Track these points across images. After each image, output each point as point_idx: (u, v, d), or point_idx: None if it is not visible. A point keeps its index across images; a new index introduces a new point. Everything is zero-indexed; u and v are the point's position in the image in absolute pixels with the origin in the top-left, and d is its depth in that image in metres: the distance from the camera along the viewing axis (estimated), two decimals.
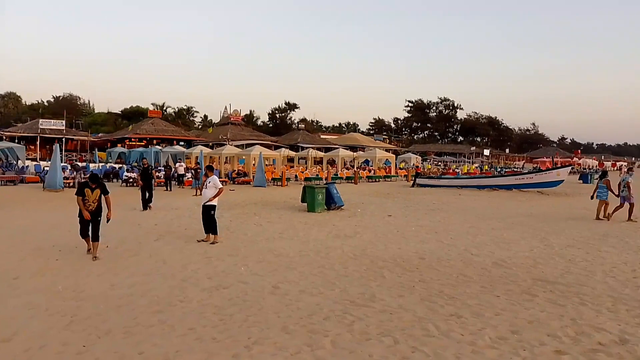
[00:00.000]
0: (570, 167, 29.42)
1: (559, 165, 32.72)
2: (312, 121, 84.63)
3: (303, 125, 62.26)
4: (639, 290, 6.07)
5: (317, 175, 29.47)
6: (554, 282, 6.50)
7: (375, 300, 5.58)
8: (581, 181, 34.72)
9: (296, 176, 29.36)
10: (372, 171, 34.10)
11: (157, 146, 37.97)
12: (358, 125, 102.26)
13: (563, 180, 24.71)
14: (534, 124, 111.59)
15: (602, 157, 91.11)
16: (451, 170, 40.85)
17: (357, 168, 34.51)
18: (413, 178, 29.31)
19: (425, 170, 41.34)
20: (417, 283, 6.43)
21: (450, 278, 6.73)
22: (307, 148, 42.32)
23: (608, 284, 6.42)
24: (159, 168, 26.65)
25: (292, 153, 39.45)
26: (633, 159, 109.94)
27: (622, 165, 66.20)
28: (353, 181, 29.61)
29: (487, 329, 4.58)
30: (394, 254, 8.34)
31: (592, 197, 14.21)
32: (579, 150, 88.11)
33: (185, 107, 75.33)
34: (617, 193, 13.70)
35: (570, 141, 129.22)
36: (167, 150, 34.56)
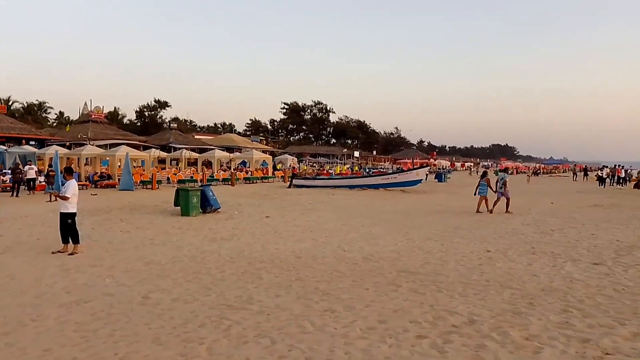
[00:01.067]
0: (427, 168, 32.50)
1: (418, 166, 36.00)
2: (186, 121, 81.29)
3: (175, 125, 59.38)
4: (483, 275, 6.95)
5: (192, 177, 28.37)
6: (415, 272, 7.14)
7: (252, 302, 5.56)
8: (436, 180, 38.60)
9: (168, 178, 27.91)
10: (250, 172, 33.91)
11: (1, 146, 33.13)
12: (234, 126, 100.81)
13: (422, 180, 27.25)
14: (397, 128, 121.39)
15: (454, 158, 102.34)
16: (325, 171, 42.49)
17: (234, 169, 34.01)
18: (290, 179, 29.83)
19: (301, 171, 42.35)
20: (294, 282, 6.57)
21: (325, 275, 7.00)
22: (180, 149, 40.47)
23: (459, 271, 7.24)
24: (4, 171, 23.29)
25: (164, 154, 37.47)
26: (478, 159, 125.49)
27: (470, 165, 74.97)
28: (230, 183, 29.14)
29: (358, 321, 4.86)
30: (271, 255, 8.40)
31: (474, 194, 16.13)
32: (435, 152, 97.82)
33: (36, 102, 66.85)
34: (495, 189, 15.89)
35: (427, 144, 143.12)
36: (14, 150, 30.33)
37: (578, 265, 7.56)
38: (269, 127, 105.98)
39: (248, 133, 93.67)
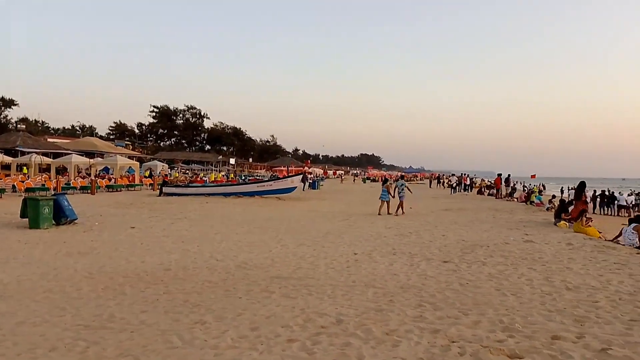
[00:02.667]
0: (301, 175, 33.39)
1: (293, 174, 36.81)
2: (36, 121, 72.41)
3: (24, 126, 52.53)
4: (350, 277, 7.36)
5: (44, 185, 25.31)
6: (288, 277, 7.28)
7: (114, 320, 5.16)
8: (310, 187, 39.84)
9: (14, 187, 24.55)
10: (113, 180, 31.38)
11: None
12: (96, 129, 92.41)
13: (296, 187, 27.90)
14: (273, 135, 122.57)
15: (327, 166, 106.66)
16: (199, 179, 41.13)
17: (94, 176, 31.15)
18: (159, 187, 28.28)
19: (173, 178, 40.43)
20: (162, 296, 6.24)
21: (196, 286, 6.78)
22: (29, 153, 35.88)
23: (329, 274, 7.57)
24: None
25: (9, 159, 32.96)
26: (348, 168, 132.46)
27: (355, 172, 78.68)
28: (90, 191, 26.63)
29: (230, 331, 4.81)
30: (137, 268, 7.88)
31: (379, 199, 18.32)
32: (309, 160, 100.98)
33: None
34: (393, 195, 18.36)
35: (302, 152, 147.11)
36: None
37: (431, 263, 8.41)
38: (137, 131, 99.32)
39: (112, 137, 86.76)
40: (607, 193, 32.93)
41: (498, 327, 4.78)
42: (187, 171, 61.31)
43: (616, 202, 31.24)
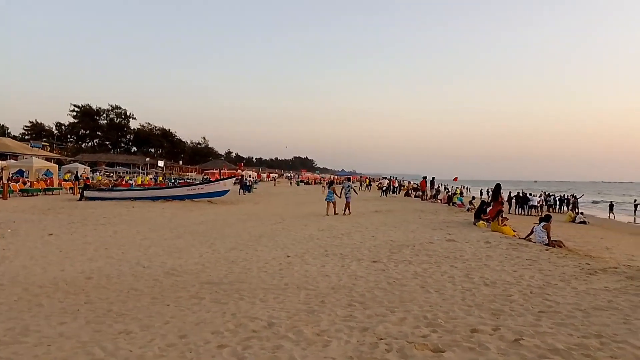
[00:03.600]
0: (234, 178, 32.90)
1: (226, 177, 36.15)
2: None
3: None
4: (282, 280, 7.39)
5: None
6: (218, 283, 7.17)
7: (29, 334, 4.81)
8: (242, 191, 39.34)
9: None
10: (28, 183, 29.08)
11: None
12: (8, 129, 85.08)
13: (229, 190, 27.45)
14: (204, 137, 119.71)
15: (260, 169, 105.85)
16: (124, 182, 39.19)
17: (7, 180, 28.69)
18: (81, 191, 26.62)
19: (95, 182, 38.18)
20: (83, 306, 5.91)
21: (121, 294, 6.48)
22: None
23: (261, 277, 7.55)
24: None
25: None
26: (282, 171, 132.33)
27: (275, 175, 78.36)
28: (1, 196, 24.51)
29: (157, 339, 4.65)
30: (55, 277, 7.39)
31: (325, 199, 19.49)
32: (242, 163, 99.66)
33: None
34: (340, 196, 19.36)
35: (235, 155, 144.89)
36: None
37: (361, 264, 8.65)
38: (55, 131, 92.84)
39: (27, 137, 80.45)
40: (520, 194, 35.54)
41: (422, 322, 5.02)
42: (111, 174, 58.18)
43: (529, 202, 33.78)
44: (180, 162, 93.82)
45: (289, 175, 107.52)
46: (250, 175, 46.74)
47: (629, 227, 30.11)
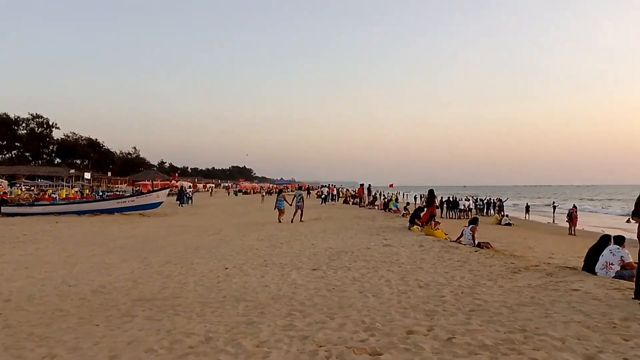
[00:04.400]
0: (168, 189, 31.82)
1: (159, 188, 34.86)
2: None
3: None
4: (221, 292, 7.22)
5: None
6: (152, 299, 6.88)
7: None
8: (178, 202, 38.13)
9: None
10: None
11: None
12: None
13: (162, 202, 26.51)
14: (135, 147, 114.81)
15: (196, 179, 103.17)
16: (47, 196, 36.64)
17: None
18: None
19: (14, 196, 35.37)
20: (1, 330, 5.44)
21: (44, 316, 6.04)
22: None
23: (198, 291, 7.33)
24: None
25: None
26: (219, 180, 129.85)
27: (211, 185, 76.63)
28: None
29: None
30: None
31: (274, 208, 19.90)
32: (177, 174, 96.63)
33: None
34: (291, 203, 19.84)
35: (169, 165, 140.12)
36: None
37: (301, 272, 8.66)
38: None
39: None
40: (451, 199, 37.28)
41: (361, 327, 5.10)
42: (32, 187, 54.18)
43: (458, 206, 35.51)
44: (109, 174, 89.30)
45: (226, 185, 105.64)
46: (182, 186, 45.30)
47: (549, 227, 32.49)
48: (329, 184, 54.89)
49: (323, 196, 40.89)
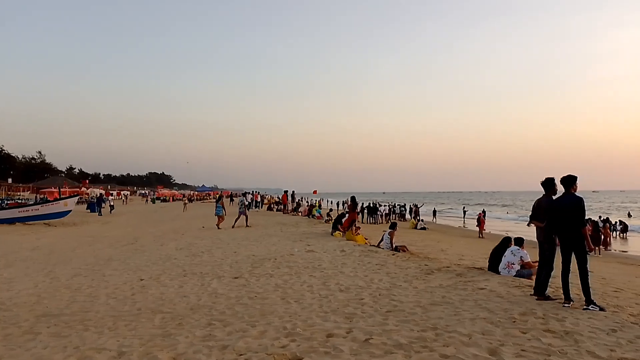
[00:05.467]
0: (77, 197, 29.71)
1: (67, 196, 32.41)
2: None
3: None
4: (135, 305, 6.88)
5: None
6: (58, 314, 6.39)
7: None
8: (89, 210, 35.73)
9: None
10: None
11: None
12: None
13: (71, 210, 24.71)
14: (40, 152, 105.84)
15: (109, 186, 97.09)
16: None
17: None
18: None
19: None
20: None
21: None
22: None
23: (110, 304, 6.93)
24: None
25: None
26: (135, 187, 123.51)
27: (126, 193, 72.74)
28: None
29: None
30: None
31: (215, 214, 20.34)
32: (87, 180, 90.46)
33: None
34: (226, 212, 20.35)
35: (78, 171, 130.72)
36: None
37: (222, 281, 8.49)
38: None
39: None
40: (371, 205, 38.53)
41: (282, 333, 5.12)
42: None
43: (378, 212, 36.79)
44: (10, 180, 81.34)
45: (143, 192, 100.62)
46: (101, 194, 42.56)
47: (460, 230, 34.67)
48: (253, 191, 54.38)
49: (247, 203, 40.38)
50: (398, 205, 45.48)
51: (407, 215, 41.33)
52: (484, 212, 34.27)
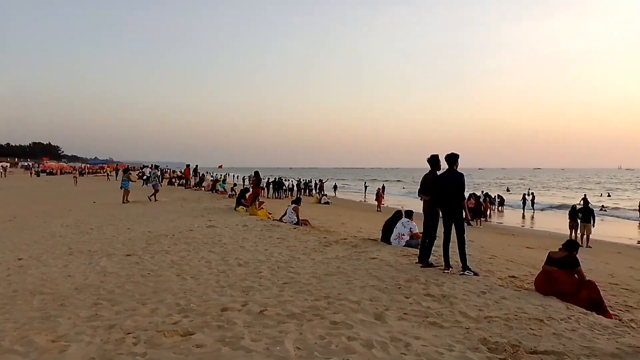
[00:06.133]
0: None
1: None
2: None
3: None
4: (10, 286, 6.24)
5: None
6: None
7: None
8: None
9: None
10: None
11: None
12: None
13: None
14: None
15: None
16: None
17: None
18: None
19: None
20: None
21: None
22: None
23: None
24: None
25: None
26: (16, 159, 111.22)
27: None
28: None
29: None
30: None
31: (120, 188, 20.12)
32: None
33: None
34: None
35: None
36: None
37: (112, 259, 8.02)
38: None
39: None
40: (276, 180, 38.67)
41: (175, 310, 5.00)
42: None
43: (283, 187, 37.06)
44: None
45: (26, 164, 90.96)
46: None
47: (361, 204, 36.21)
48: (152, 164, 51.70)
49: (145, 177, 38.31)
50: (303, 180, 46.14)
51: (314, 191, 42.15)
52: (383, 187, 36.06)
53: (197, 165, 35.30)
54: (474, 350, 3.77)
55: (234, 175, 67.41)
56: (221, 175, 49.27)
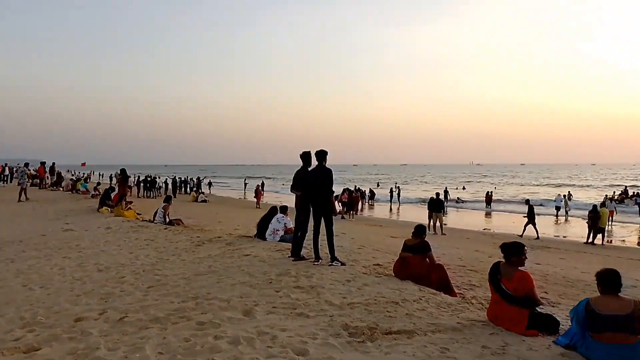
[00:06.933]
0: None
1: None
2: None
3: None
4: None
5: None
6: None
7: None
8: None
9: None
10: None
11: None
12: None
13: None
14: None
15: None
16: None
17: None
18: None
19: None
20: None
21: None
22: None
23: None
24: None
25: None
26: None
27: None
28: None
29: None
30: None
31: None
32: None
33: None
34: None
35: None
36: None
37: None
38: None
39: None
40: (148, 178, 36.48)
41: (17, 324, 4.44)
42: None
43: (156, 185, 35.11)
44: None
45: None
46: None
47: (240, 201, 35.87)
48: (24, 162, 45.22)
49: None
50: (179, 178, 44.19)
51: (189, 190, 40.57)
52: (262, 184, 36.14)
53: (53, 163, 31.71)
54: (335, 336, 3.96)
55: (99, 174, 62.04)
56: (84, 173, 45.00)
